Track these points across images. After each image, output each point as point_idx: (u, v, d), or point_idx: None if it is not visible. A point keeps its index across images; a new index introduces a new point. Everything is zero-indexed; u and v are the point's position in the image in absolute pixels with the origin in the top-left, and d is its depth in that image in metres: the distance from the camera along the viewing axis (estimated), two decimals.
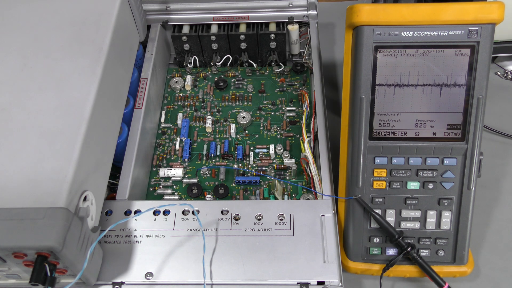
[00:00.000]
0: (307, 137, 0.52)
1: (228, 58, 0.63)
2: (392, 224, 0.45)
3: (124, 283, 0.40)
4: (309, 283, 0.40)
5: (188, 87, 0.61)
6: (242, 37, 0.61)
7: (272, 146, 0.55)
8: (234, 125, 0.57)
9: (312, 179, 0.48)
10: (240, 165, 0.54)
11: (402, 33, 0.42)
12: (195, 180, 0.53)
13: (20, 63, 0.44)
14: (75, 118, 0.40)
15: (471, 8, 0.41)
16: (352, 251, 0.46)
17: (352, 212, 0.45)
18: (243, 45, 0.61)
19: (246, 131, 0.57)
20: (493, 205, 0.54)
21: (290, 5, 0.61)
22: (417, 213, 0.45)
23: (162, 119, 0.59)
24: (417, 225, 0.45)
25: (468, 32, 0.41)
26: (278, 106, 0.59)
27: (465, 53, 0.42)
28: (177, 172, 0.53)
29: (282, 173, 0.53)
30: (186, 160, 0.55)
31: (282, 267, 0.41)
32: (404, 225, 0.45)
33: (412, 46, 0.42)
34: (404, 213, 0.45)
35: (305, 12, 0.61)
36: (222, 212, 0.44)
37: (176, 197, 0.52)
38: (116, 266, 0.41)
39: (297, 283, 0.40)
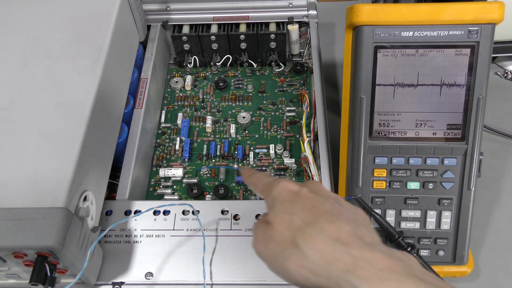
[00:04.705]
0: (307, 137, 0.52)
1: (228, 58, 0.63)
2: (392, 224, 0.45)
3: (124, 283, 0.40)
4: None
5: (188, 87, 0.61)
6: (242, 37, 0.61)
7: (272, 146, 0.55)
8: (234, 125, 0.57)
9: (312, 179, 0.48)
10: (240, 165, 0.54)
11: (402, 33, 0.42)
12: (195, 180, 0.53)
13: (20, 63, 0.44)
14: (75, 118, 0.40)
15: (471, 8, 0.41)
16: None
17: None
18: (243, 45, 0.61)
19: (246, 131, 0.57)
20: (493, 205, 0.54)
21: (290, 5, 0.61)
22: (417, 213, 0.45)
23: (162, 119, 0.59)
24: (417, 225, 0.45)
25: (468, 32, 0.41)
26: (278, 106, 0.59)
27: (465, 53, 0.42)
28: (177, 172, 0.53)
29: (282, 173, 0.53)
30: (186, 160, 0.55)
31: None
32: (404, 225, 0.45)
33: (412, 46, 0.42)
34: (404, 213, 0.45)
35: (305, 12, 0.61)
36: (222, 212, 0.44)
37: (176, 197, 0.52)
38: (116, 266, 0.41)
39: None
